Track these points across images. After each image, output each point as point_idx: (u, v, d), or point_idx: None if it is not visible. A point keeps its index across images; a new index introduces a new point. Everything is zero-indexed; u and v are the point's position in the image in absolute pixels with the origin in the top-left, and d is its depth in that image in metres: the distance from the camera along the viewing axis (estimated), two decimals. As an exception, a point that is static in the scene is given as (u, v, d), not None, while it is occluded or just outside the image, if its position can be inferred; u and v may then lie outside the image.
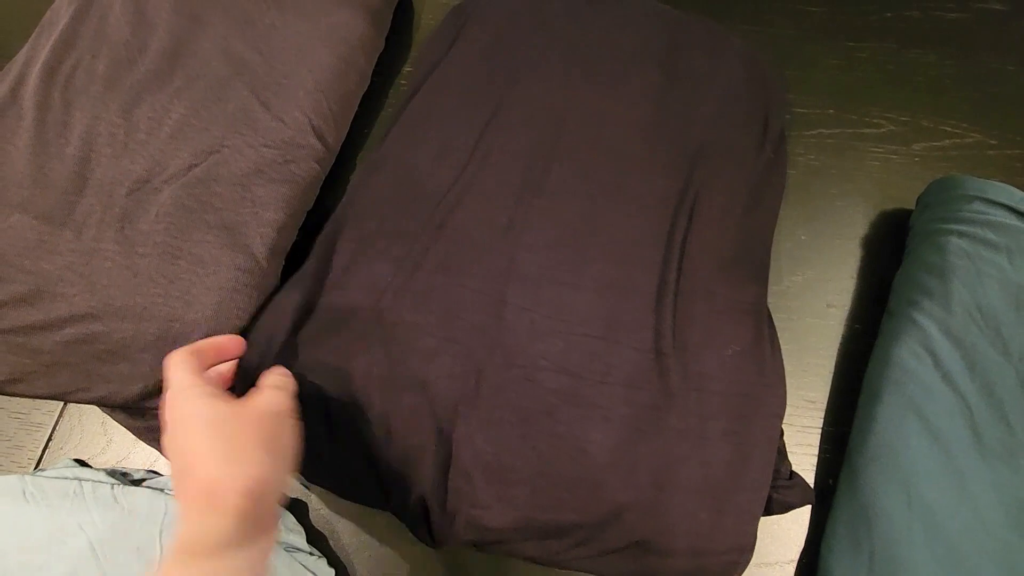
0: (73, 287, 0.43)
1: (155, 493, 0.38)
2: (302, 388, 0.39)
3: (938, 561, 0.36)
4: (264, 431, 0.28)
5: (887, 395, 0.42)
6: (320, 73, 0.52)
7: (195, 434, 0.27)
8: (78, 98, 0.49)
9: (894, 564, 0.37)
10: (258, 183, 0.47)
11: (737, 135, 0.48)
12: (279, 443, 0.29)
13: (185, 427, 0.28)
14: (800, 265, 0.51)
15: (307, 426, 0.38)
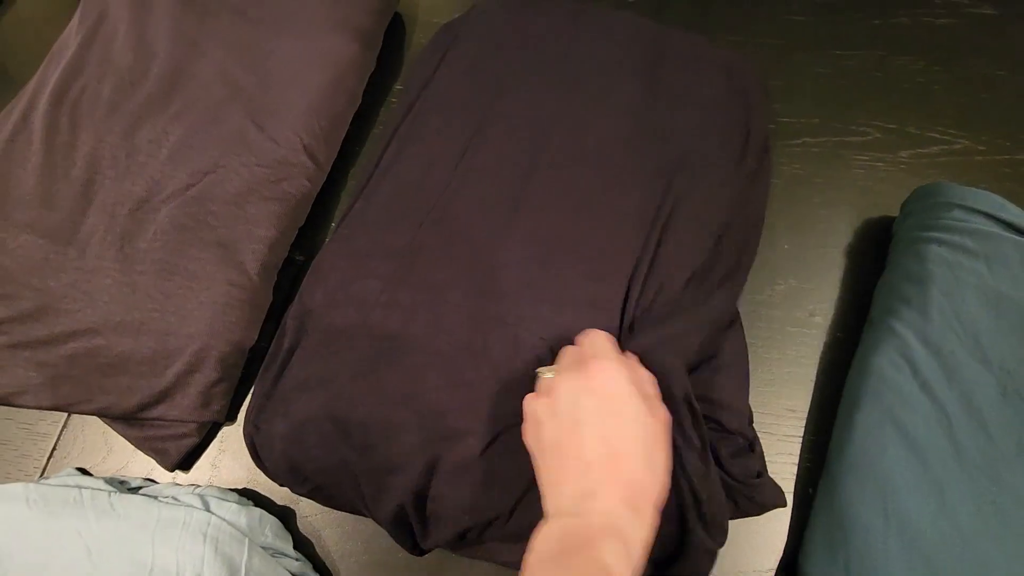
0: (76, 303, 0.46)
1: (149, 501, 0.40)
2: (294, 403, 0.40)
3: (914, 572, 0.36)
4: (663, 443, 0.29)
5: (865, 404, 0.42)
6: (312, 95, 0.54)
7: (627, 428, 0.29)
8: (84, 122, 0.52)
9: (869, 574, 0.37)
10: (251, 201, 0.49)
11: (718, 146, 0.49)
12: (664, 455, 0.29)
13: (618, 417, 0.29)
14: (783, 274, 0.51)
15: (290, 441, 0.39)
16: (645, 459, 0.28)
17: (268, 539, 0.40)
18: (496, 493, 0.37)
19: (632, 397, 0.30)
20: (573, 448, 0.29)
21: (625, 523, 0.26)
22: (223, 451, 0.47)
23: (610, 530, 0.26)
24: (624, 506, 0.27)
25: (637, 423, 0.29)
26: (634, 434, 0.29)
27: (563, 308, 0.42)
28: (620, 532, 0.26)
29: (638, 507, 0.27)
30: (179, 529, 0.38)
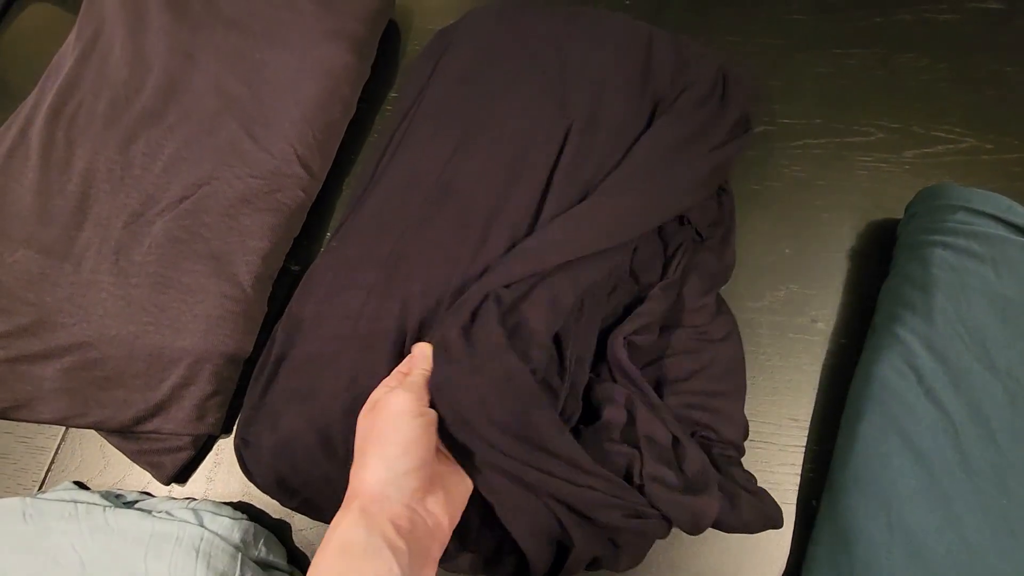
0: (72, 317, 0.46)
1: (143, 515, 0.40)
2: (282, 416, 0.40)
3: (919, 586, 0.35)
4: (379, 439, 0.31)
5: (869, 413, 0.41)
6: (305, 104, 0.54)
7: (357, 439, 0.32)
8: (80, 137, 0.52)
9: (873, 589, 0.36)
10: (245, 212, 0.49)
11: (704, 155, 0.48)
12: (392, 450, 0.30)
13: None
14: (784, 279, 0.50)
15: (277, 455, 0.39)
16: (356, 462, 0.32)
17: (262, 553, 0.40)
18: (484, 516, 0.36)
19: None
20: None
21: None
22: (218, 464, 0.47)
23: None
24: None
25: (360, 432, 0.33)
26: (359, 440, 0.32)
27: (545, 313, 0.41)
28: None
29: (347, 502, 0.30)
30: (172, 544, 0.38)
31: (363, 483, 0.30)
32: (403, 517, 0.29)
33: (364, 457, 0.31)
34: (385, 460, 0.30)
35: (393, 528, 0.28)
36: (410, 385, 0.33)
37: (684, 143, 0.46)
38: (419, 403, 0.32)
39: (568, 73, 0.51)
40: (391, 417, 0.31)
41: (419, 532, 0.29)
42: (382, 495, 0.29)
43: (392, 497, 0.29)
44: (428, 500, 0.31)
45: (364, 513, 0.28)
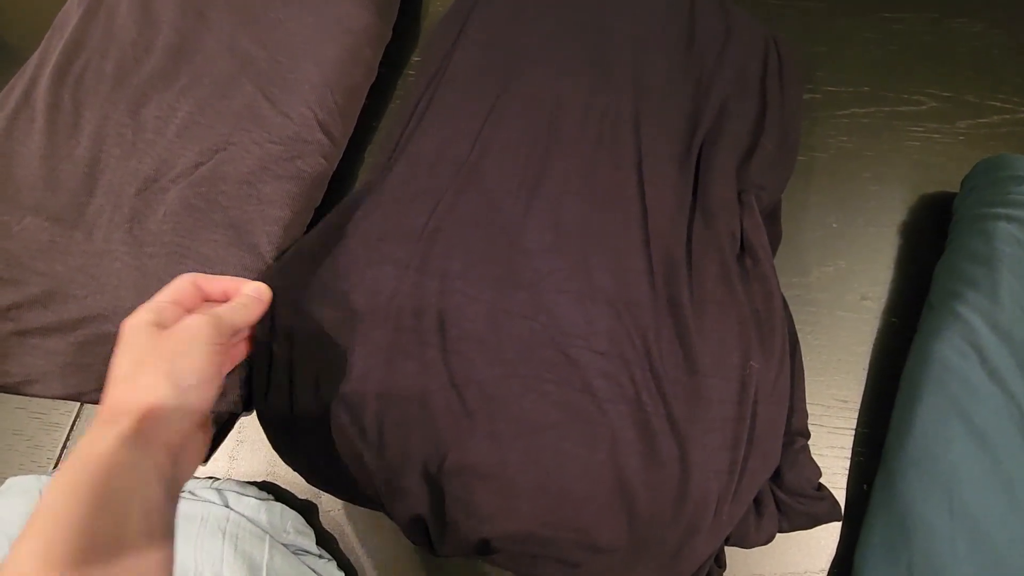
0: (84, 288, 0.44)
1: (165, 495, 0.38)
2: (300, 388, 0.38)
3: (984, 574, 0.34)
4: (168, 359, 0.27)
5: (928, 395, 0.39)
6: (325, 66, 0.51)
7: (115, 355, 0.28)
8: (87, 99, 0.49)
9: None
10: (264, 180, 0.47)
11: (746, 128, 0.45)
12: (180, 370, 0.27)
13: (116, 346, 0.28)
14: (831, 255, 0.48)
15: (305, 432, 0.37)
16: (124, 378, 0.27)
17: (290, 536, 0.39)
18: (516, 502, 0.35)
19: (120, 338, 0.29)
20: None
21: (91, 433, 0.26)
22: (241, 442, 0.45)
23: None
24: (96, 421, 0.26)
25: (125, 349, 0.28)
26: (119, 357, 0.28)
27: (583, 301, 0.39)
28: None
29: (108, 417, 0.26)
30: (197, 526, 0.36)
31: (142, 402, 0.25)
32: (175, 445, 0.26)
33: (146, 375, 0.26)
34: (176, 385, 0.26)
35: (166, 455, 0.25)
36: (218, 318, 0.29)
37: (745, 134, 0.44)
38: (222, 337, 0.29)
39: (607, 35, 0.48)
40: (191, 339, 0.27)
41: (182, 465, 0.27)
42: (162, 419, 0.25)
43: (172, 422, 0.26)
44: (195, 434, 0.28)
45: (139, 432, 0.24)
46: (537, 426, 0.36)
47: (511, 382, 0.37)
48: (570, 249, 0.40)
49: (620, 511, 0.35)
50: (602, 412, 0.36)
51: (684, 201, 0.41)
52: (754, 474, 0.35)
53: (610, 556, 0.35)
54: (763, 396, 0.36)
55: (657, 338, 0.37)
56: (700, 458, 0.34)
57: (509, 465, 0.35)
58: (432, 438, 0.36)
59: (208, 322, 0.28)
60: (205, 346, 0.27)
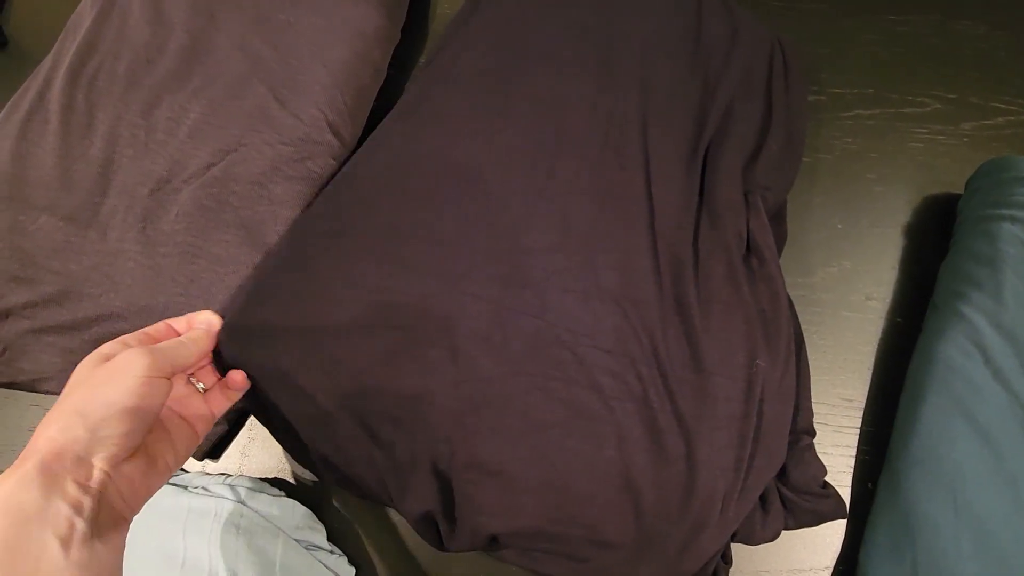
0: (99, 287, 0.44)
1: (179, 490, 0.39)
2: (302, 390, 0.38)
3: (988, 573, 0.34)
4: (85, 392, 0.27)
5: (932, 394, 0.39)
6: (335, 68, 0.51)
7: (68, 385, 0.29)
8: (101, 100, 0.50)
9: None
10: (275, 181, 0.47)
11: (752, 129, 0.45)
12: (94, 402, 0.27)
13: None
14: (836, 255, 0.48)
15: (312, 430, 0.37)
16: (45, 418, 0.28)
17: (302, 531, 0.39)
18: (524, 499, 0.35)
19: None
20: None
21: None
22: (252, 439, 0.46)
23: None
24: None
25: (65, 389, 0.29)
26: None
27: (589, 300, 0.39)
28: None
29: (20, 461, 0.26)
30: (211, 520, 0.37)
31: (49, 439, 0.26)
32: (92, 479, 0.26)
33: (59, 410, 0.27)
34: (86, 420, 0.26)
35: (77, 486, 0.25)
36: (154, 351, 0.29)
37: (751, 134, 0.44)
38: (157, 370, 0.29)
39: (614, 37, 0.48)
40: (118, 372, 0.28)
41: (109, 495, 0.26)
42: (70, 454, 0.26)
43: (83, 459, 0.26)
44: (124, 465, 0.28)
45: (43, 471, 0.25)
46: (544, 423, 0.36)
47: (517, 380, 0.37)
48: (576, 248, 0.40)
49: (627, 508, 0.35)
50: (609, 410, 0.36)
51: (690, 201, 0.42)
52: (760, 472, 0.35)
53: (617, 552, 0.35)
54: (769, 395, 0.36)
55: (664, 337, 0.38)
56: (706, 455, 0.35)
57: (516, 462, 0.36)
58: (440, 436, 0.36)
59: (141, 354, 0.28)
60: (131, 378, 0.27)
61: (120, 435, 0.27)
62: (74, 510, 0.25)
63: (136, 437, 0.28)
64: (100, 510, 0.26)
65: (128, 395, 0.27)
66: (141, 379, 0.28)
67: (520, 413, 0.36)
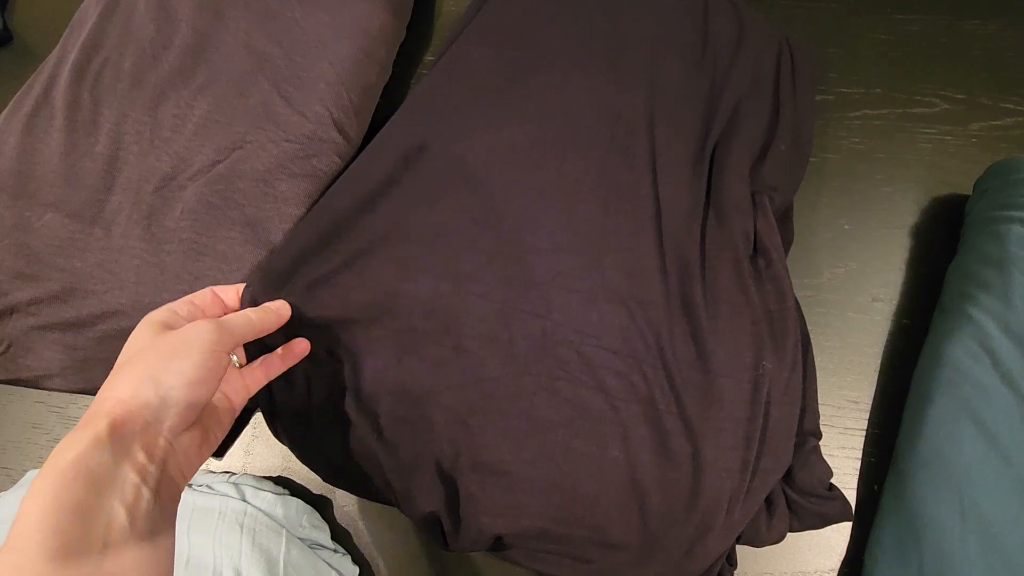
0: (103, 284, 0.44)
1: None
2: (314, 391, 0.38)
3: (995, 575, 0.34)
4: (156, 358, 0.27)
5: (939, 396, 0.39)
6: (340, 65, 0.51)
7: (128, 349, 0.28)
8: (106, 96, 0.50)
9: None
10: (280, 178, 0.47)
11: (759, 129, 0.45)
12: (166, 371, 0.26)
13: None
14: (843, 257, 0.48)
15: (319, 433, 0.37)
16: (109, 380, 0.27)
17: (305, 530, 0.39)
18: (529, 499, 0.35)
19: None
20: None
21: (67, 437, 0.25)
22: (256, 437, 0.46)
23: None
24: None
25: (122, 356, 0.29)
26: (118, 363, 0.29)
27: (595, 300, 0.39)
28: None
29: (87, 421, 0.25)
30: (215, 519, 0.37)
31: (119, 402, 0.25)
32: (157, 447, 0.26)
33: (130, 373, 0.26)
34: (158, 386, 0.26)
35: (144, 453, 0.25)
36: (222, 324, 0.29)
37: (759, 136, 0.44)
38: (223, 345, 0.28)
39: (621, 37, 0.48)
40: (188, 343, 0.27)
41: (170, 465, 0.26)
42: (140, 419, 0.25)
43: (151, 425, 0.25)
44: (184, 436, 0.27)
45: (114, 435, 0.24)
46: (549, 424, 0.36)
47: (523, 380, 0.37)
48: (582, 248, 0.40)
49: (633, 508, 0.35)
50: (615, 410, 0.36)
51: (698, 201, 0.41)
52: (766, 474, 0.35)
53: (622, 553, 0.35)
54: (776, 396, 0.36)
55: (670, 337, 0.37)
56: (713, 457, 0.35)
57: (521, 463, 0.36)
58: (445, 436, 0.36)
59: (211, 327, 0.28)
60: (201, 350, 0.27)
61: (186, 405, 0.27)
62: (141, 478, 0.24)
63: (198, 409, 0.28)
64: (162, 480, 0.25)
65: (197, 367, 0.27)
66: (209, 352, 0.27)
67: (525, 413, 0.36)
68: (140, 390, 0.25)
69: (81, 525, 0.22)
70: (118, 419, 0.24)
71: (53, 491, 0.22)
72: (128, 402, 0.25)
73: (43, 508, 0.22)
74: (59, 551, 0.21)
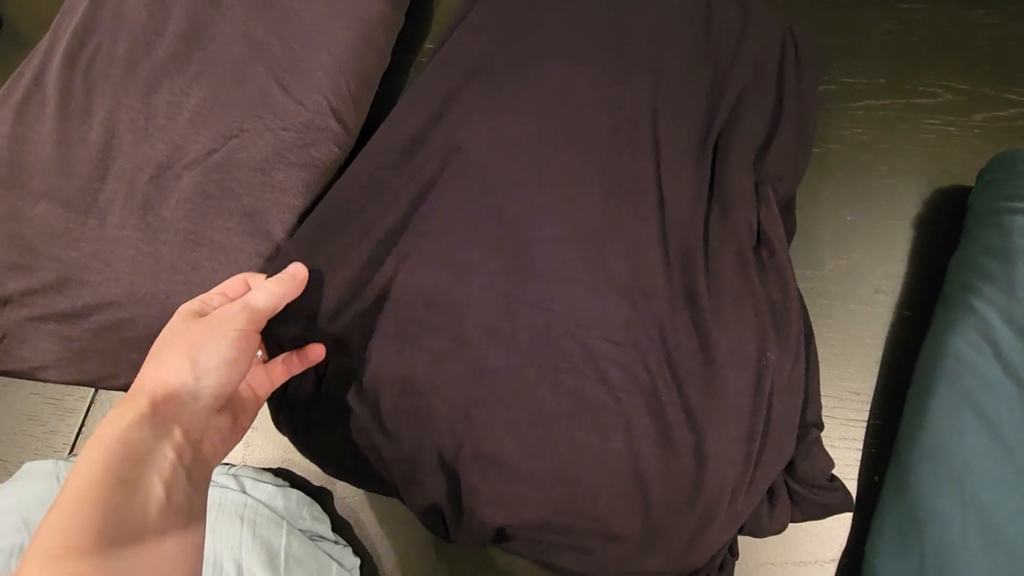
0: (99, 275, 0.43)
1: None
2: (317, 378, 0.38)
3: (996, 567, 0.34)
4: (191, 341, 0.28)
5: (941, 388, 0.39)
6: (338, 52, 0.50)
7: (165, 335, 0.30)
8: (99, 84, 0.49)
9: (947, 569, 0.34)
10: (278, 168, 0.47)
11: (763, 119, 0.45)
12: (201, 352, 0.27)
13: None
14: (845, 248, 0.48)
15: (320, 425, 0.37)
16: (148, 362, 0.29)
17: (306, 522, 0.39)
18: (531, 491, 0.35)
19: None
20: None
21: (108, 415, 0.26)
22: (255, 429, 0.46)
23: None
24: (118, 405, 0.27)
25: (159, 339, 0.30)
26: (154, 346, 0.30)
27: (598, 291, 0.39)
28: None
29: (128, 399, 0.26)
30: (215, 511, 0.36)
31: (160, 382, 0.26)
32: (193, 427, 0.27)
33: (168, 355, 0.28)
34: (195, 366, 0.27)
35: (182, 432, 0.26)
36: (248, 305, 0.30)
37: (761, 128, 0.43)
38: (254, 324, 0.30)
39: (623, 26, 0.48)
40: (220, 325, 0.29)
41: (204, 448, 0.27)
42: (178, 399, 0.26)
43: (188, 405, 0.26)
44: (216, 418, 0.28)
45: (155, 412, 0.25)
46: (552, 415, 0.36)
47: (525, 372, 0.37)
48: (585, 239, 0.40)
49: (635, 500, 0.35)
50: (617, 402, 0.36)
51: (701, 192, 0.41)
52: (769, 465, 0.35)
53: (625, 544, 0.35)
54: (778, 388, 0.36)
55: (673, 328, 0.37)
56: (716, 448, 0.35)
57: (524, 454, 0.35)
58: (447, 428, 0.36)
59: (238, 307, 0.30)
60: (232, 331, 0.28)
61: (221, 385, 0.28)
62: (178, 455, 0.25)
63: (231, 389, 0.28)
64: (196, 459, 0.26)
65: (230, 347, 0.28)
66: (241, 332, 0.29)
67: (528, 405, 0.36)
68: (178, 371, 0.27)
69: (125, 497, 0.23)
70: (158, 398, 0.25)
71: (102, 463, 0.23)
72: (168, 382, 0.26)
73: (88, 482, 0.23)
74: (103, 525, 0.22)
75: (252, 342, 0.29)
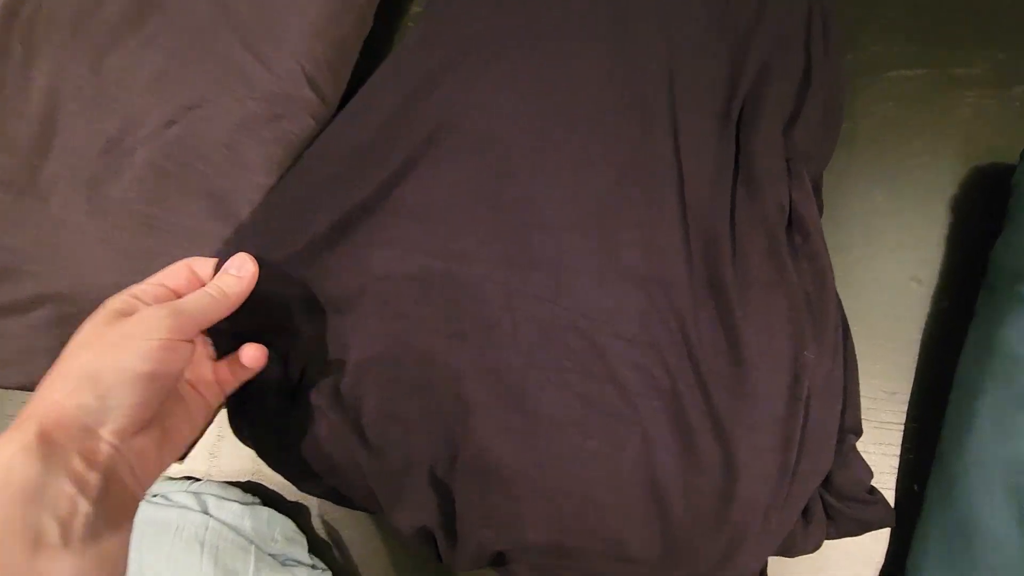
0: (41, 264, 0.39)
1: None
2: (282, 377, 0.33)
3: (1059, 592, 0.30)
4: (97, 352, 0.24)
5: (991, 388, 0.35)
6: (313, 15, 0.45)
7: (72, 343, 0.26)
8: (41, 47, 0.43)
9: (1004, 595, 0.31)
10: (246, 143, 0.42)
11: (790, 89, 0.40)
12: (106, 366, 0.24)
13: None
14: (877, 233, 0.44)
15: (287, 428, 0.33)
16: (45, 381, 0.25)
17: (278, 544, 0.34)
18: (535, 508, 0.31)
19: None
20: None
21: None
22: (222, 437, 0.41)
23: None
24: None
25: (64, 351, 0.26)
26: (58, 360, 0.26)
27: (609, 282, 0.35)
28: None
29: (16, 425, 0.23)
30: (171, 535, 0.32)
31: (52, 403, 0.23)
32: (99, 453, 0.23)
33: (66, 370, 0.24)
34: (96, 386, 0.23)
35: (83, 460, 0.22)
36: (177, 310, 0.26)
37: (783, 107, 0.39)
38: (180, 332, 0.25)
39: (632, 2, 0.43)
40: (135, 333, 0.24)
41: (119, 471, 0.23)
42: (77, 423, 0.22)
43: (90, 429, 0.23)
44: (137, 438, 0.24)
45: (43, 440, 0.21)
46: (559, 422, 0.32)
47: (528, 372, 0.33)
48: (594, 224, 0.36)
49: (654, 518, 0.31)
50: (632, 407, 0.32)
51: (725, 169, 0.37)
52: (806, 478, 0.31)
53: (642, 568, 0.31)
54: (816, 390, 0.32)
55: (696, 322, 0.33)
56: (746, 460, 0.31)
57: (527, 467, 0.32)
58: (440, 437, 0.32)
59: (163, 312, 0.25)
60: (149, 341, 0.24)
61: (133, 404, 0.24)
62: (78, 488, 0.22)
63: (151, 407, 0.25)
64: (108, 489, 0.23)
65: (144, 360, 0.24)
66: (160, 342, 0.24)
67: (532, 410, 0.32)
68: (76, 390, 0.23)
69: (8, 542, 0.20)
70: (49, 424, 0.22)
71: None
72: (62, 404, 0.23)
73: None
74: None
75: (178, 353, 0.25)
